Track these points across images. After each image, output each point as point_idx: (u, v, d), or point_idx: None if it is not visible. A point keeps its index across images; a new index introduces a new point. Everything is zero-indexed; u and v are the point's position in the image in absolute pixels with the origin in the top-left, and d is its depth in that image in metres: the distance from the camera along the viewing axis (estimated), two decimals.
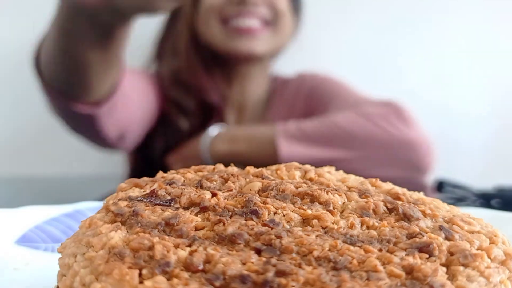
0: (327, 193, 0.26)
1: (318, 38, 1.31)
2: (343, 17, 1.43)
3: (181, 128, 0.92)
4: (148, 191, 0.26)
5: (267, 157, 0.80)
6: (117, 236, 0.22)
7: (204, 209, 0.24)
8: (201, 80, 0.95)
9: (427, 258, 0.21)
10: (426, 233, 0.23)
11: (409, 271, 0.20)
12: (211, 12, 0.91)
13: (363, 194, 0.26)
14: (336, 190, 0.27)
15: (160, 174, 0.29)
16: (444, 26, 1.48)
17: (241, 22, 0.89)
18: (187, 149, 0.89)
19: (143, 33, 0.95)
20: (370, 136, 0.77)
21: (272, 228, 0.23)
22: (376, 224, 0.24)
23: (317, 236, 0.22)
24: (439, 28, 1.47)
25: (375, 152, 0.77)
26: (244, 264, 0.21)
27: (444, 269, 0.21)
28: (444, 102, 1.45)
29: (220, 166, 0.30)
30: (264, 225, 0.23)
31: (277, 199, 0.25)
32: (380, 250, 0.22)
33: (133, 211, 0.24)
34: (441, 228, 0.24)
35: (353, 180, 0.30)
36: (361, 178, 0.30)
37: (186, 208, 0.25)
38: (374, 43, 1.44)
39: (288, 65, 1.09)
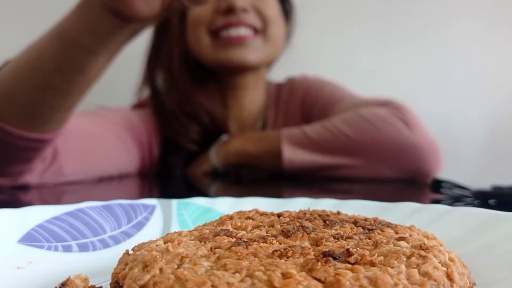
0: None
1: (317, 43, 1.31)
2: (342, 22, 1.43)
3: (189, 150, 0.90)
4: None
5: (273, 159, 0.80)
6: None
7: None
8: (198, 102, 0.91)
9: None
10: None
11: None
12: (199, 25, 0.88)
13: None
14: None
15: None
16: (443, 34, 1.48)
17: (231, 31, 0.85)
18: (202, 160, 0.89)
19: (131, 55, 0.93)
20: (374, 142, 0.76)
21: None
22: None
23: None
24: (439, 36, 1.47)
25: (378, 158, 0.76)
26: None
27: None
28: (442, 106, 1.45)
29: None
30: None
31: None
32: None
33: None
34: None
35: None
36: None
37: None
38: (373, 49, 1.44)
39: (283, 71, 1.06)
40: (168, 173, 0.90)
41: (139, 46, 0.95)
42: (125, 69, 0.98)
